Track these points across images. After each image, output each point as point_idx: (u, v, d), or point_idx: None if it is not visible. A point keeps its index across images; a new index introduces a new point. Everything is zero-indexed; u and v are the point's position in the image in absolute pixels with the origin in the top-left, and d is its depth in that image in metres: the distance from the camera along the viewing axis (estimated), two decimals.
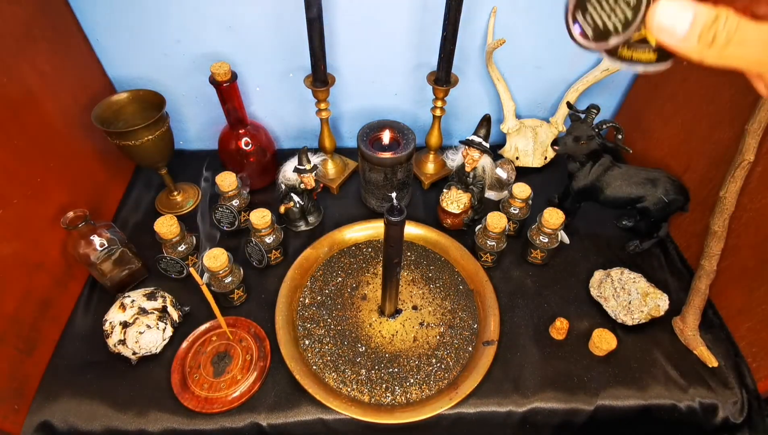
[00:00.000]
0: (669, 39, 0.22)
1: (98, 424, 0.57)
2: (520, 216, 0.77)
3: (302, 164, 0.71)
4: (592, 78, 0.84)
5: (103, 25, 0.76)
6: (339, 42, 0.80)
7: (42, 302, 0.63)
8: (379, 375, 0.63)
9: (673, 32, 0.22)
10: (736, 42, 0.21)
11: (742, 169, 0.62)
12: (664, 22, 0.22)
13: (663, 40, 0.22)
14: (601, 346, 0.64)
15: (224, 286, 0.65)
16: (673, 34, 0.22)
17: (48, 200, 0.65)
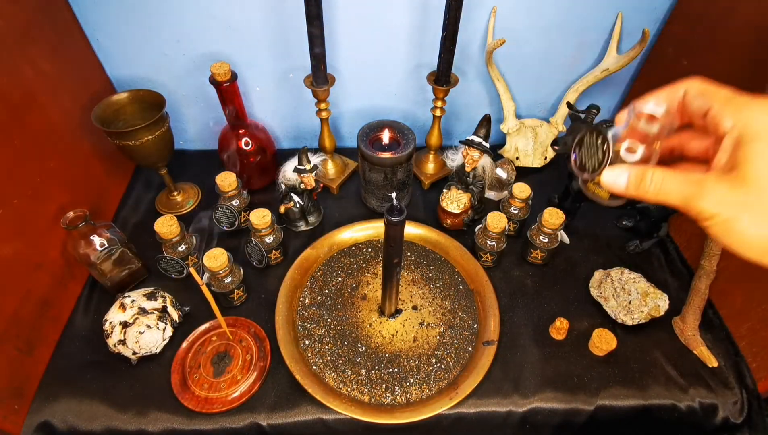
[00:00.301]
0: (615, 190, 0.32)
1: (98, 424, 0.57)
2: (520, 216, 0.77)
3: (302, 164, 0.71)
4: (592, 78, 0.84)
5: (103, 25, 0.76)
6: (339, 42, 0.80)
7: (42, 302, 0.63)
8: (379, 375, 0.63)
9: (616, 186, 0.32)
10: (662, 188, 0.30)
11: None
12: (608, 181, 0.32)
13: (611, 190, 0.32)
14: (601, 346, 0.64)
15: (224, 286, 0.65)
16: (616, 188, 0.32)
17: (48, 200, 0.65)
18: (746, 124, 0.29)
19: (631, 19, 0.80)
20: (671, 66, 0.80)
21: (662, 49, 0.82)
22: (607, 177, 0.32)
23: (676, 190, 0.29)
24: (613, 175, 0.31)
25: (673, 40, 0.79)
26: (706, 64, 0.72)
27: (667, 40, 0.81)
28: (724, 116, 0.30)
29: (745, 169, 0.27)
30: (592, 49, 0.85)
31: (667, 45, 0.81)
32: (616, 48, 0.82)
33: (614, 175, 0.31)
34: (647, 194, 0.30)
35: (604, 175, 0.32)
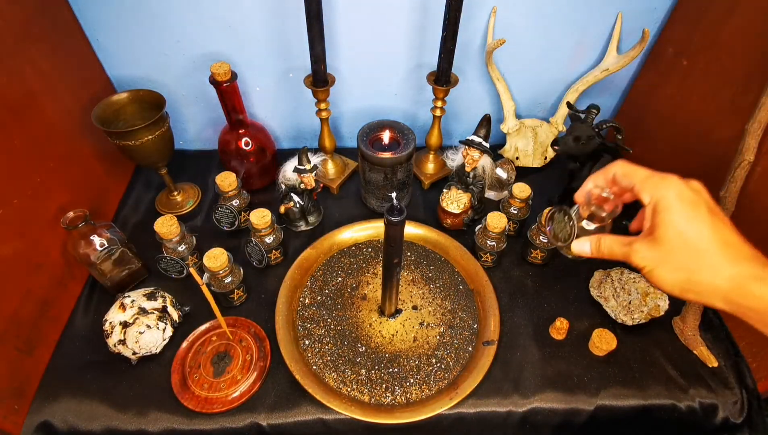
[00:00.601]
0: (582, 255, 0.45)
1: (98, 424, 0.57)
2: (520, 216, 0.77)
3: (302, 164, 0.71)
4: (592, 78, 0.84)
5: (103, 25, 0.76)
6: (339, 42, 0.80)
7: (42, 302, 0.63)
8: (379, 375, 0.63)
9: (582, 253, 0.45)
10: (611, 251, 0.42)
11: (742, 169, 0.62)
12: (576, 250, 0.45)
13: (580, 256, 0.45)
14: (601, 346, 0.64)
15: (224, 286, 0.65)
16: (583, 254, 0.45)
17: (48, 200, 0.65)
18: (658, 199, 0.39)
19: (631, 19, 0.80)
20: (671, 66, 0.80)
21: (662, 49, 0.82)
22: (576, 247, 0.45)
23: (619, 251, 0.41)
24: (579, 245, 0.45)
25: (673, 40, 0.80)
26: (706, 64, 0.72)
27: (667, 40, 0.81)
28: (643, 192, 0.41)
29: (658, 233, 0.38)
30: (592, 49, 0.85)
31: (667, 45, 0.81)
32: (616, 48, 0.82)
33: (580, 245, 0.45)
34: (603, 255, 0.43)
35: (574, 245, 0.45)
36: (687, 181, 0.39)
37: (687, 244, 0.37)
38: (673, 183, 0.39)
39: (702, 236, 0.37)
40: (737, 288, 0.36)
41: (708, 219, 0.38)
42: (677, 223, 0.38)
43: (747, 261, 0.37)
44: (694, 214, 0.38)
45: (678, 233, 0.38)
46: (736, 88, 0.67)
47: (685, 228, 0.37)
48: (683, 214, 0.38)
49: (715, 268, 0.37)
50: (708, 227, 0.37)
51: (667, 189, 0.39)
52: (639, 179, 0.42)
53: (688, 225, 0.37)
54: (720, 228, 0.38)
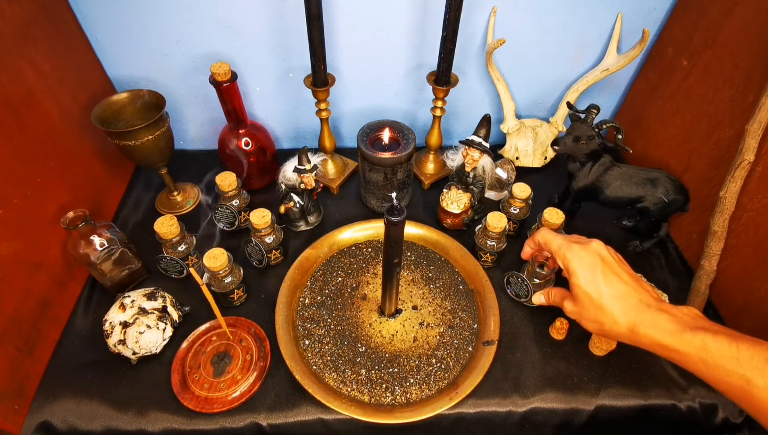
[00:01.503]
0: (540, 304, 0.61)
1: (98, 424, 0.57)
2: (520, 216, 0.77)
3: (302, 164, 0.71)
4: (592, 78, 0.84)
5: (103, 25, 0.76)
6: (339, 42, 0.80)
7: (42, 302, 0.63)
8: (379, 375, 0.63)
9: (540, 303, 0.60)
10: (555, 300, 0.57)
11: (742, 169, 0.62)
12: (536, 302, 0.61)
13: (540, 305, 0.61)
14: (601, 346, 0.64)
15: (224, 286, 0.65)
16: (541, 304, 0.60)
17: (48, 200, 0.65)
18: (566, 266, 0.51)
19: (631, 19, 0.80)
20: (671, 66, 0.80)
21: (662, 49, 0.82)
22: (535, 300, 0.61)
23: (559, 302, 0.55)
24: (537, 298, 0.60)
25: (673, 40, 0.80)
26: (706, 64, 0.73)
27: (667, 40, 0.81)
28: (558, 260, 0.53)
29: (573, 293, 0.51)
30: (592, 49, 0.85)
31: (667, 45, 0.81)
32: (616, 48, 0.82)
33: (537, 298, 0.60)
34: (553, 303, 0.57)
35: (534, 299, 0.61)
36: (587, 246, 0.51)
37: (591, 301, 0.49)
38: (575, 252, 0.50)
39: (600, 294, 0.48)
40: (631, 334, 0.47)
41: (602, 279, 0.48)
42: (582, 286, 0.49)
43: (634, 309, 0.47)
44: (591, 277, 0.49)
45: (584, 293, 0.49)
46: (736, 88, 0.67)
47: (588, 289, 0.49)
48: (584, 277, 0.49)
49: (614, 319, 0.47)
50: (603, 286, 0.48)
51: (572, 258, 0.50)
52: (553, 249, 0.53)
53: (589, 286, 0.49)
54: (613, 284, 0.48)
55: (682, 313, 0.46)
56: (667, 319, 0.45)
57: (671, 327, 0.44)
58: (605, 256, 0.50)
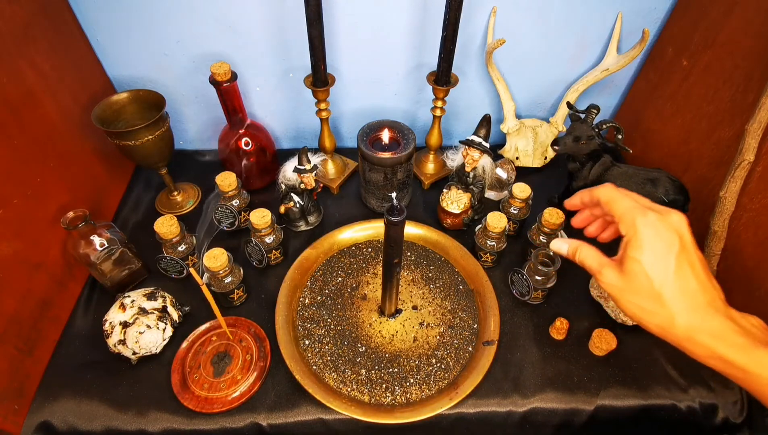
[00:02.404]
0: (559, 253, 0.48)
1: (98, 424, 0.57)
2: (520, 216, 0.77)
3: (302, 164, 0.71)
4: (592, 78, 0.84)
5: (103, 25, 0.76)
6: (339, 42, 0.80)
7: (42, 302, 0.63)
8: (379, 375, 0.63)
9: (560, 251, 0.47)
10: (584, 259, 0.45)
11: (742, 169, 0.62)
12: (555, 247, 0.48)
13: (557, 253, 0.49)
14: (601, 346, 0.64)
15: (224, 286, 0.65)
16: (560, 251, 0.47)
17: (48, 200, 0.65)
18: (633, 234, 0.40)
19: (631, 19, 0.80)
20: (671, 66, 0.80)
21: (662, 49, 0.82)
22: (554, 246, 0.48)
23: (591, 264, 0.44)
24: (557, 244, 0.48)
25: (673, 40, 0.80)
26: (706, 64, 0.73)
27: (667, 40, 0.81)
28: (621, 223, 0.42)
29: (626, 266, 0.40)
30: (592, 49, 0.85)
31: (667, 45, 0.81)
32: (616, 48, 0.82)
33: (558, 245, 0.48)
34: (575, 259, 0.46)
35: (553, 243, 0.48)
36: (667, 218, 0.40)
37: (650, 286, 0.39)
38: (650, 221, 0.40)
39: (664, 282, 0.39)
40: (686, 339, 0.39)
41: (674, 265, 0.39)
42: (645, 264, 0.39)
43: (700, 312, 0.39)
44: (662, 257, 0.39)
45: (643, 274, 0.39)
46: (736, 88, 0.67)
47: (651, 271, 0.39)
48: (652, 256, 0.39)
49: (671, 317, 0.39)
50: (672, 274, 0.39)
51: (644, 226, 0.40)
52: (620, 210, 0.42)
53: (654, 268, 0.39)
54: (685, 274, 0.39)
55: (751, 325, 0.39)
56: (735, 332, 0.38)
57: (740, 341, 0.37)
58: (686, 237, 0.40)
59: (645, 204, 0.42)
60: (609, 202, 0.44)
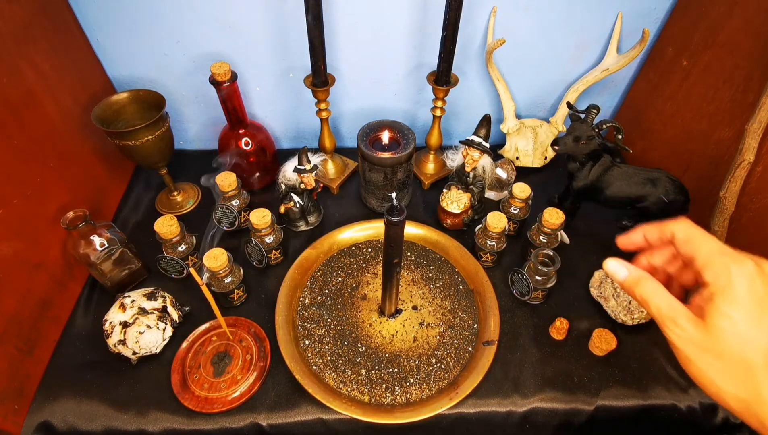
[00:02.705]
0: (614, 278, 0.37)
1: (98, 424, 0.57)
2: (520, 216, 0.77)
3: (302, 164, 0.71)
4: (592, 78, 0.84)
5: (103, 25, 0.76)
6: (339, 42, 0.80)
7: (42, 302, 0.63)
8: (379, 375, 0.63)
9: (615, 276, 0.37)
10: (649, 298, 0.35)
11: (742, 169, 0.62)
12: (611, 269, 0.37)
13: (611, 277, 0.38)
14: (601, 346, 0.64)
15: (224, 286, 0.65)
16: (616, 277, 0.37)
17: (48, 200, 0.65)
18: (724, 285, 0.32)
19: (631, 19, 0.80)
20: (671, 66, 0.80)
21: (662, 49, 0.82)
22: (610, 266, 0.38)
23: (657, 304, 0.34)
24: (616, 266, 0.37)
25: (673, 40, 0.80)
26: (706, 64, 0.73)
27: (667, 40, 0.81)
28: (706, 270, 0.34)
29: (711, 321, 0.32)
30: (592, 49, 0.85)
31: (667, 45, 0.81)
32: (616, 48, 0.82)
33: (617, 266, 0.37)
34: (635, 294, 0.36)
35: (610, 262, 0.38)
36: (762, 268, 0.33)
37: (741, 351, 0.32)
38: (746, 271, 0.32)
39: (758, 350, 0.31)
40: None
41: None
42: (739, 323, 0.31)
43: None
44: (759, 318, 0.31)
45: (735, 334, 0.32)
46: (736, 88, 0.67)
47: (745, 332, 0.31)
48: (748, 314, 0.31)
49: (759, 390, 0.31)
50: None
51: (739, 277, 0.32)
52: (704, 252, 0.34)
53: (750, 330, 0.31)
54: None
55: None
56: None
57: None
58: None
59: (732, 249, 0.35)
60: (689, 242, 0.36)
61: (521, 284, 0.69)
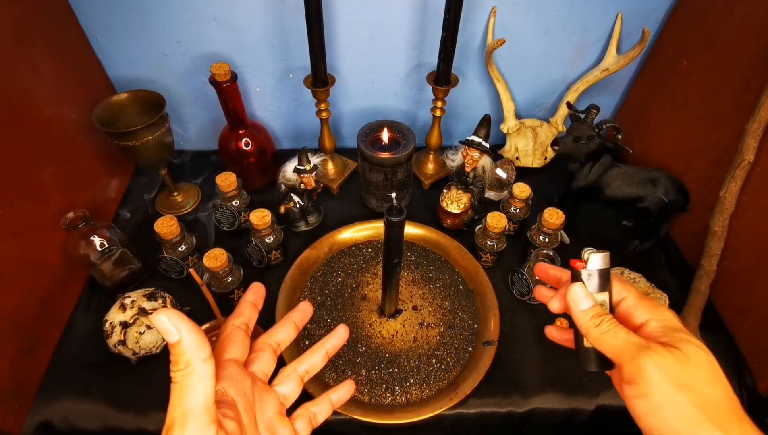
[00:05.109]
0: (573, 307, 0.34)
1: (98, 424, 0.58)
2: (520, 216, 0.77)
3: (302, 164, 0.71)
4: (592, 78, 0.84)
5: (103, 26, 0.76)
6: (339, 42, 0.80)
7: (42, 302, 0.63)
8: (379, 375, 0.63)
9: (577, 304, 0.33)
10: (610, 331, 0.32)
11: (742, 169, 0.62)
12: (573, 296, 0.33)
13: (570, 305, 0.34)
14: None
15: (224, 286, 0.65)
16: (576, 306, 0.33)
17: (48, 200, 0.65)
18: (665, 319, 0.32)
19: (631, 19, 0.80)
20: (671, 66, 0.80)
21: (662, 49, 0.82)
22: (576, 292, 0.34)
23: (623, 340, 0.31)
24: (581, 294, 0.34)
25: (673, 40, 0.80)
26: (706, 64, 0.72)
27: (667, 40, 0.81)
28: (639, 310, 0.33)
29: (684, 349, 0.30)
30: (592, 49, 0.85)
31: (667, 45, 0.81)
32: (616, 48, 0.82)
33: (581, 295, 0.34)
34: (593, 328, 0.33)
35: (574, 288, 0.34)
36: (690, 363, 0.30)
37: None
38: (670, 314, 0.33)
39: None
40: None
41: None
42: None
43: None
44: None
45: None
46: (736, 88, 0.67)
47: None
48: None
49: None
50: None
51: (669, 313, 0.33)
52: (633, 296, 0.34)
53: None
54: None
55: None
56: None
57: None
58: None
59: (653, 336, 0.32)
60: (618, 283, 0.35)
61: (521, 284, 0.69)
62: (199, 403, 0.26)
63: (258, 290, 0.36)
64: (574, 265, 0.34)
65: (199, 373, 0.26)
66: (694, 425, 0.29)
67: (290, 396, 0.36)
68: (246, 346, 0.33)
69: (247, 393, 0.31)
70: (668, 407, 0.29)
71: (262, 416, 0.32)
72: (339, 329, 0.40)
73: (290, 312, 0.38)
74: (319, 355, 0.38)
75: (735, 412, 0.30)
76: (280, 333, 0.37)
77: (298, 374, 0.37)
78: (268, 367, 0.35)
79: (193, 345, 0.25)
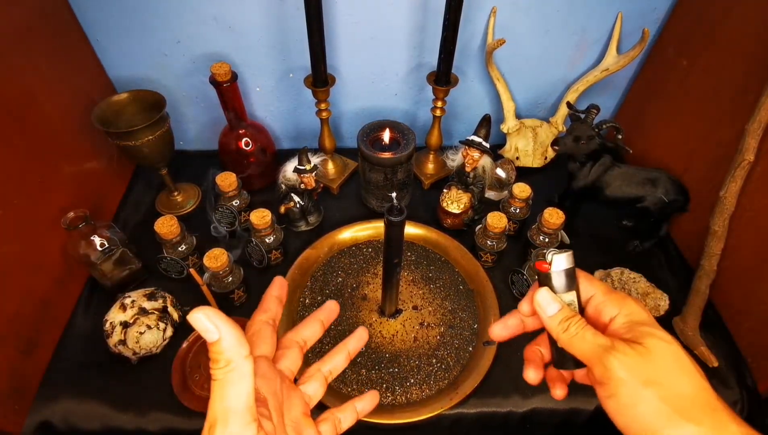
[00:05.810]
0: (541, 313, 0.33)
1: (98, 424, 0.58)
2: (520, 216, 0.77)
3: (302, 164, 0.71)
4: (592, 78, 0.84)
5: (103, 26, 0.76)
6: (339, 42, 0.80)
7: (42, 302, 0.63)
8: (379, 375, 0.63)
9: (544, 310, 0.33)
10: (579, 335, 0.31)
11: (742, 169, 0.62)
12: (540, 300, 0.33)
13: (538, 311, 0.33)
14: None
15: (224, 286, 0.65)
16: (544, 311, 0.33)
17: (48, 200, 0.65)
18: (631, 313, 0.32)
19: (631, 19, 0.80)
20: (671, 66, 0.80)
21: (662, 49, 0.82)
22: (542, 297, 0.33)
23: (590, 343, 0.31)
24: (547, 299, 0.33)
25: (673, 40, 0.80)
26: (706, 64, 0.73)
27: (667, 40, 0.81)
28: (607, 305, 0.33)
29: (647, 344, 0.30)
30: (592, 49, 0.85)
31: (667, 45, 0.81)
32: (616, 48, 0.82)
33: (548, 300, 0.33)
34: (566, 333, 0.32)
35: (540, 293, 0.33)
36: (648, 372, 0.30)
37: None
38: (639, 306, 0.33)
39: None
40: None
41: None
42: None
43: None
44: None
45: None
46: (736, 88, 0.67)
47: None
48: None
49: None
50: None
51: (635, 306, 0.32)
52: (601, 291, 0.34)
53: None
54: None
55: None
56: None
57: None
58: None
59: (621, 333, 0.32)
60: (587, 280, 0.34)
61: (521, 284, 0.69)
62: (241, 400, 0.25)
63: (282, 284, 0.35)
64: (540, 267, 0.34)
65: (240, 370, 0.25)
66: (663, 420, 0.29)
67: (315, 396, 0.35)
68: (274, 343, 0.32)
69: (277, 392, 0.30)
70: (636, 405, 0.30)
71: (288, 415, 0.31)
72: (359, 331, 0.39)
73: (317, 311, 0.37)
74: (342, 355, 0.38)
75: (707, 402, 0.30)
76: (306, 331, 0.36)
77: (323, 374, 0.36)
78: (295, 365, 0.34)
79: (234, 343, 0.25)
